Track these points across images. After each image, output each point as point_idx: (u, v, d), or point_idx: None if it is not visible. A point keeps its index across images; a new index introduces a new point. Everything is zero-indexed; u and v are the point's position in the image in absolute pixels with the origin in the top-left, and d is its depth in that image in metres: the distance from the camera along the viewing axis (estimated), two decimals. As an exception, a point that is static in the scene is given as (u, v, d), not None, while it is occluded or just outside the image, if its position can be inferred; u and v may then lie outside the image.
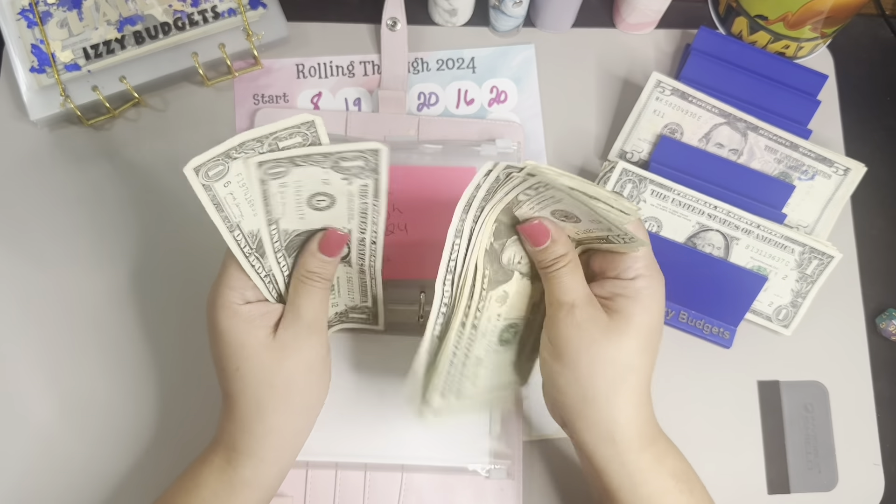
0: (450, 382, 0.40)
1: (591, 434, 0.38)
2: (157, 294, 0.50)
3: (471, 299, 0.39)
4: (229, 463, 0.39)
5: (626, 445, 0.38)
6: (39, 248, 0.51)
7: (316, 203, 0.38)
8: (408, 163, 0.52)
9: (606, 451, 0.38)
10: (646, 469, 0.38)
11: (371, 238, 0.41)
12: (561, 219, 0.39)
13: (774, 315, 0.52)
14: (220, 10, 0.53)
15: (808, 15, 0.52)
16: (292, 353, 0.39)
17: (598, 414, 0.37)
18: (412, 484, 0.47)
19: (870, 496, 0.50)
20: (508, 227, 0.39)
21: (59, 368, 0.49)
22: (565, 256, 0.39)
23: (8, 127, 0.52)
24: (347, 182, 0.37)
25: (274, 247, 0.39)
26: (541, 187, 0.36)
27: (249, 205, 0.37)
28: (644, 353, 0.38)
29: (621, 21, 0.57)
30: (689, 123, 0.53)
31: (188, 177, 0.34)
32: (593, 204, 0.35)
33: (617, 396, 0.37)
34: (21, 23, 0.51)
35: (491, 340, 0.41)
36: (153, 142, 0.53)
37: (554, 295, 0.39)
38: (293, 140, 0.36)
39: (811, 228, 0.53)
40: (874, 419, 0.52)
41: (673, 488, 0.38)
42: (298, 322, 0.39)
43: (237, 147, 0.34)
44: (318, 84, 0.55)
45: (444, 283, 0.38)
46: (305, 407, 0.40)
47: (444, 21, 0.56)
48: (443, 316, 0.39)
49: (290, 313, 0.39)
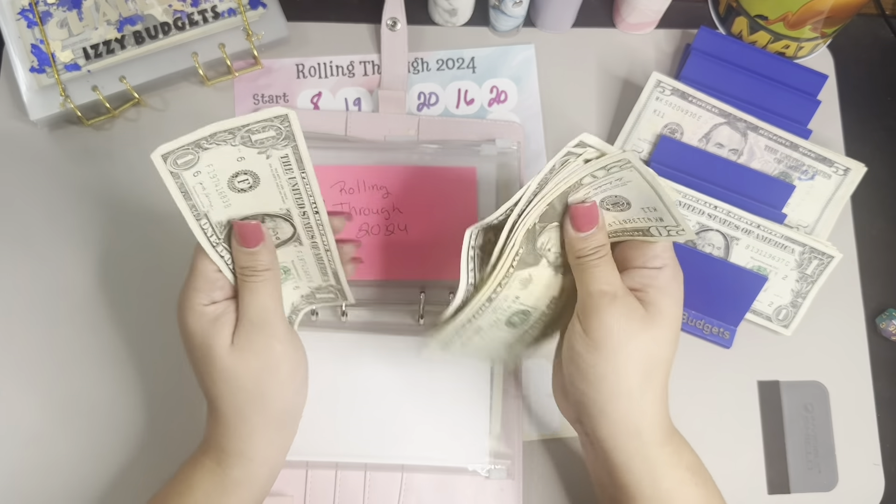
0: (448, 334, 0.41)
1: (617, 428, 0.38)
2: (157, 294, 0.50)
3: (499, 272, 0.38)
4: (219, 464, 0.39)
5: (651, 439, 0.38)
6: (39, 248, 0.51)
7: (238, 185, 0.37)
8: (408, 163, 0.52)
9: (631, 445, 0.38)
10: (667, 463, 0.38)
11: (312, 210, 0.39)
12: (607, 207, 0.39)
13: (774, 315, 0.52)
14: (220, 10, 0.53)
15: (809, 15, 0.52)
16: (249, 355, 0.38)
17: (628, 407, 0.37)
18: (412, 484, 0.47)
19: (870, 496, 0.50)
20: (555, 212, 0.39)
21: (57, 368, 0.49)
22: (605, 247, 0.39)
23: (8, 127, 0.52)
24: (266, 156, 0.36)
25: (211, 241, 0.38)
26: (614, 168, 0.36)
27: (220, 196, 0.37)
28: (674, 345, 0.38)
29: (621, 21, 0.57)
30: (689, 123, 0.53)
31: (155, 163, 0.34)
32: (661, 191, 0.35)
33: (648, 390, 0.37)
34: (21, 23, 0.51)
35: (499, 318, 0.41)
36: (153, 142, 0.52)
37: (593, 285, 0.38)
38: (266, 133, 0.35)
39: (811, 228, 0.53)
40: (874, 419, 0.52)
41: (689, 481, 0.38)
42: (246, 322, 0.38)
43: (208, 137, 0.34)
44: (317, 84, 0.55)
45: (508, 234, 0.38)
46: (282, 407, 0.39)
47: (444, 21, 0.56)
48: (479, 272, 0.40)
49: (240, 314, 0.38)
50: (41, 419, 0.48)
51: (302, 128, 0.35)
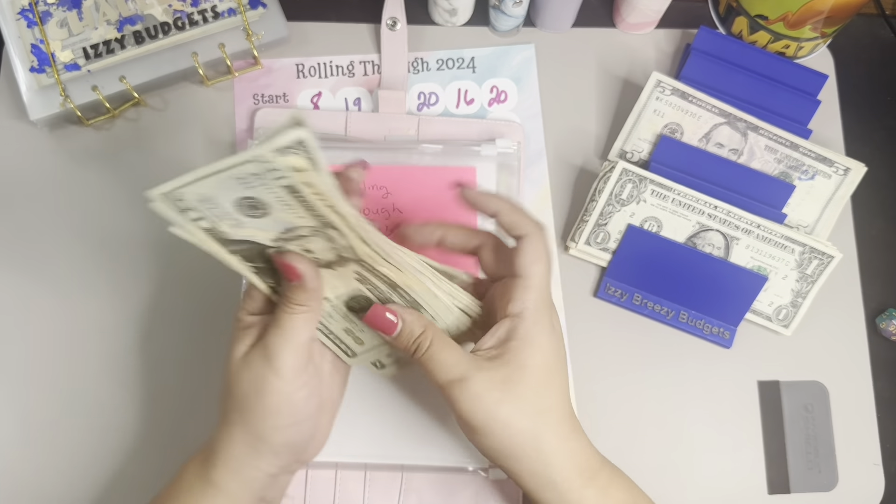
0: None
1: (531, 484, 0.37)
2: (156, 294, 0.50)
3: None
4: (205, 463, 0.39)
5: (568, 485, 0.37)
6: (39, 248, 0.51)
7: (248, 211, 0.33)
8: (408, 163, 0.52)
9: (549, 497, 0.37)
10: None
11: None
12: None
13: (774, 315, 0.52)
14: (220, 10, 0.53)
15: (809, 15, 0.52)
16: (246, 374, 0.37)
17: (531, 466, 0.37)
18: (412, 484, 0.47)
19: (870, 496, 0.50)
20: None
21: (57, 369, 0.49)
22: (425, 334, 0.37)
23: (8, 127, 0.52)
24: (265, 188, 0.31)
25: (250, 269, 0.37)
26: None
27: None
28: (552, 391, 0.37)
29: (621, 21, 0.57)
30: (689, 123, 0.53)
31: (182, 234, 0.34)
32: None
33: (542, 443, 0.37)
34: (21, 22, 0.51)
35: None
36: (153, 142, 0.53)
37: (438, 377, 0.37)
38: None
39: (811, 228, 0.53)
40: (874, 419, 0.52)
41: None
42: (260, 344, 0.38)
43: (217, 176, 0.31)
44: (317, 84, 0.55)
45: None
46: (259, 431, 0.38)
47: (444, 21, 0.56)
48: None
49: (264, 334, 0.38)
50: (41, 419, 0.48)
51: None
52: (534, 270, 0.37)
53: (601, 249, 0.52)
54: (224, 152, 0.52)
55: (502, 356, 0.37)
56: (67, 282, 0.50)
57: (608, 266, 0.52)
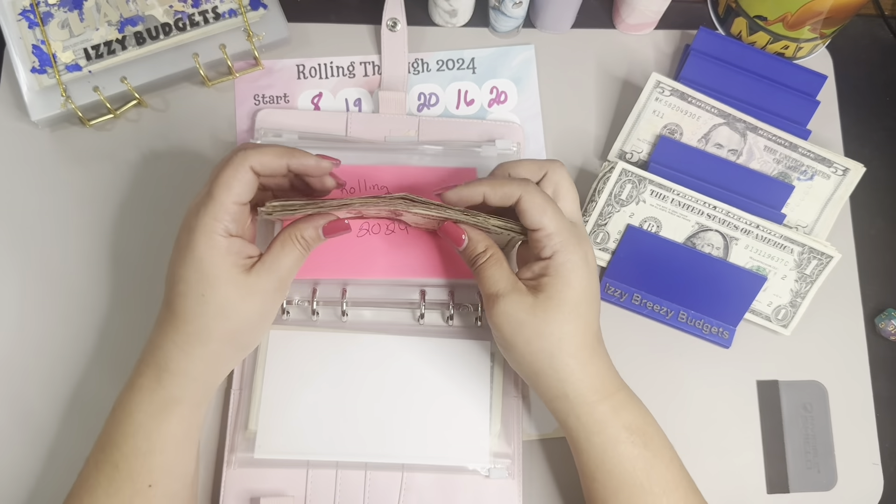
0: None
1: (548, 394, 0.43)
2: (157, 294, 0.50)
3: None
4: (159, 382, 0.41)
5: (580, 399, 0.41)
6: (40, 249, 0.51)
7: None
8: (408, 163, 0.52)
9: (562, 406, 0.42)
10: (600, 420, 0.41)
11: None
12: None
13: (773, 315, 0.52)
14: (221, 11, 0.53)
15: (808, 15, 0.52)
16: (258, 297, 0.41)
17: (547, 381, 0.42)
18: (412, 484, 0.47)
19: (869, 496, 0.50)
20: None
21: (57, 369, 0.49)
22: (485, 252, 0.43)
23: (9, 127, 0.52)
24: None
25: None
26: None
27: None
28: (575, 321, 0.41)
29: (621, 22, 0.57)
30: (689, 124, 0.53)
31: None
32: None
33: (558, 363, 0.41)
34: (22, 23, 0.51)
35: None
36: (154, 142, 0.53)
37: (483, 289, 0.43)
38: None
39: (810, 228, 0.53)
40: (873, 419, 0.52)
41: (625, 440, 0.41)
42: (272, 274, 0.42)
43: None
44: (318, 84, 0.55)
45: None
46: (245, 345, 0.44)
47: (444, 22, 0.57)
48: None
49: (269, 262, 0.42)
50: (42, 419, 0.48)
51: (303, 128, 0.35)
52: (545, 220, 0.41)
53: (601, 249, 0.52)
54: (224, 152, 0.52)
55: (537, 287, 0.42)
56: (68, 282, 0.50)
57: (607, 266, 0.52)
